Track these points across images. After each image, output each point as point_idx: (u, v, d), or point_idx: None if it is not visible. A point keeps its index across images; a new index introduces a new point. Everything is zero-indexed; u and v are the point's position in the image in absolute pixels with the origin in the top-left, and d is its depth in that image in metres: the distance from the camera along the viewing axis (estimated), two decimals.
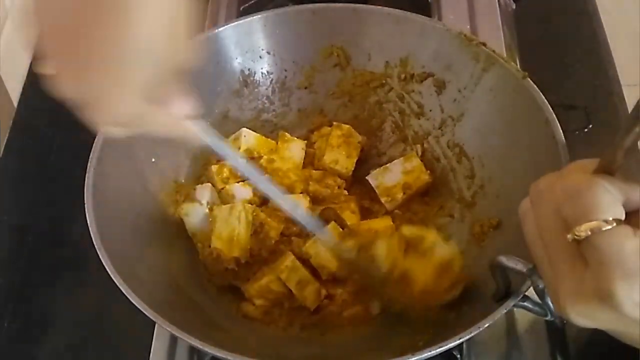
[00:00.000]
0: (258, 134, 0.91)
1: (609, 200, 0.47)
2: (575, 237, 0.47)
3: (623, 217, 0.47)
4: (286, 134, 0.92)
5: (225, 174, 0.88)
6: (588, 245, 0.47)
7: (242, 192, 0.87)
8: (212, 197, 0.85)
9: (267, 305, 0.81)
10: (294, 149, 0.91)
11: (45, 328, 0.90)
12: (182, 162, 0.90)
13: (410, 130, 0.92)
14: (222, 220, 0.81)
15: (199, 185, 0.86)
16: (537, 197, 0.52)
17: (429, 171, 0.89)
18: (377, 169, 0.90)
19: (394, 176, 0.88)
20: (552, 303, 0.52)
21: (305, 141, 0.92)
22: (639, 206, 0.48)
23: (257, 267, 0.82)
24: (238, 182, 0.87)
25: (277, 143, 0.91)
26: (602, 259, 0.46)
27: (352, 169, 0.90)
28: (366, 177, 0.90)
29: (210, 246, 0.81)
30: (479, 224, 0.82)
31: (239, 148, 0.89)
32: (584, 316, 0.49)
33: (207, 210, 0.84)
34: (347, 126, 0.91)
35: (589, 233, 0.47)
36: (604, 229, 0.46)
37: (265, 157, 0.88)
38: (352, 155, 0.90)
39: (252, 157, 0.89)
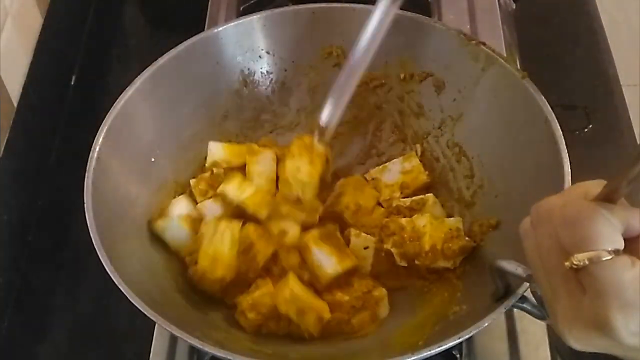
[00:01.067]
0: (225, 144, 0.90)
1: (609, 231, 0.47)
2: (574, 265, 0.47)
3: (622, 247, 0.47)
4: (254, 145, 0.89)
5: (202, 187, 0.87)
6: (586, 275, 0.47)
7: (212, 208, 0.85)
8: (187, 209, 0.85)
9: (259, 319, 0.78)
10: (264, 162, 0.87)
11: (45, 328, 0.91)
12: (182, 162, 0.90)
13: (409, 130, 0.92)
14: (208, 238, 0.80)
15: (174, 199, 0.86)
16: (538, 220, 0.52)
17: (427, 172, 0.89)
18: (376, 168, 0.90)
19: (392, 175, 0.88)
20: (551, 323, 0.52)
21: (274, 149, 0.89)
22: (639, 233, 0.48)
23: (244, 287, 0.81)
24: (210, 198, 0.86)
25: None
26: (599, 289, 0.47)
27: (318, 177, 0.84)
28: (364, 175, 0.90)
29: (196, 263, 0.80)
30: (477, 224, 0.82)
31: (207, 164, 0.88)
32: (581, 342, 0.49)
33: (180, 223, 0.83)
34: (309, 137, 0.85)
35: (587, 262, 0.47)
36: (603, 259, 0.47)
37: (232, 186, 0.84)
38: (315, 163, 0.84)
39: (225, 168, 0.88)
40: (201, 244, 0.80)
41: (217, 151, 0.89)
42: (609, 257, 0.46)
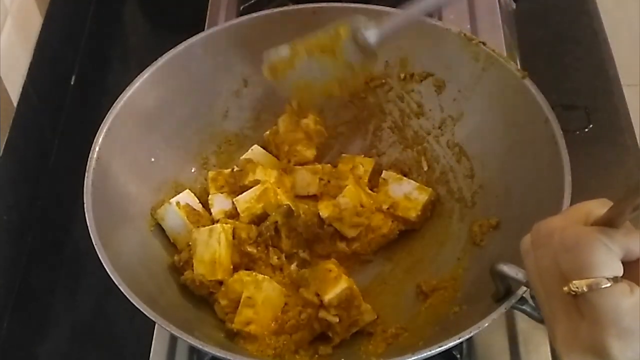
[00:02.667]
0: (268, 152, 0.91)
1: (608, 258, 0.47)
2: (572, 292, 0.47)
3: (621, 274, 0.47)
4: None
5: (220, 182, 0.88)
6: (584, 301, 0.47)
7: (222, 202, 0.86)
8: (187, 200, 0.85)
9: (230, 306, 0.78)
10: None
11: (45, 328, 0.90)
12: (182, 162, 0.89)
13: (410, 130, 0.92)
14: (203, 243, 0.80)
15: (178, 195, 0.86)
16: (538, 241, 0.52)
17: (421, 211, 0.87)
18: (394, 174, 0.89)
19: (397, 190, 0.88)
20: (550, 341, 0.52)
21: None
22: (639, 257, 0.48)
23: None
24: (222, 193, 0.87)
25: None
26: (597, 317, 0.47)
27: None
28: (382, 176, 0.90)
29: (184, 266, 0.81)
30: (478, 224, 0.82)
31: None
32: None
33: (177, 210, 0.84)
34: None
35: (585, 289, 0.47)
36: (601, 286, 0.47)
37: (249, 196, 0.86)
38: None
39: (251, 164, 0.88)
40: (195, 252, 0.80)
41: (258, 154, 0.90)
42: (608, 284, 0.46)
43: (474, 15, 1.11)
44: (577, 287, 0.47)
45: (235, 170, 0.89)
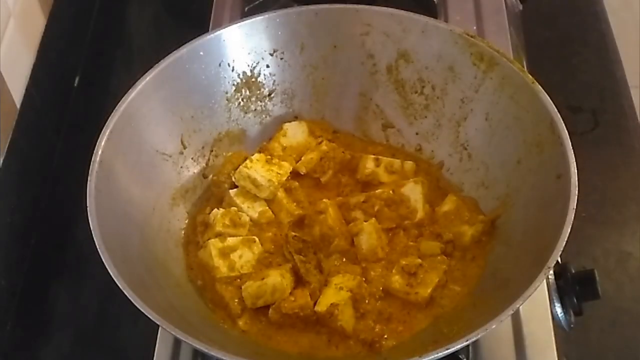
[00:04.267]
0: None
1: None
2: None
3: None
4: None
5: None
6: None
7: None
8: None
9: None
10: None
11: (48, 330, 0.90)
12: (185, 164, 0.89)
13: (414, 130, 0.92)
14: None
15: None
16: None
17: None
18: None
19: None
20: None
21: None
22: None
23: None
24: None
25: None
26: None
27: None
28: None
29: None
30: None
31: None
32: None
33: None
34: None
35: None
36: None
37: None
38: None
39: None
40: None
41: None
42: None
43: (480, 16, 1.10)
44: None
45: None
